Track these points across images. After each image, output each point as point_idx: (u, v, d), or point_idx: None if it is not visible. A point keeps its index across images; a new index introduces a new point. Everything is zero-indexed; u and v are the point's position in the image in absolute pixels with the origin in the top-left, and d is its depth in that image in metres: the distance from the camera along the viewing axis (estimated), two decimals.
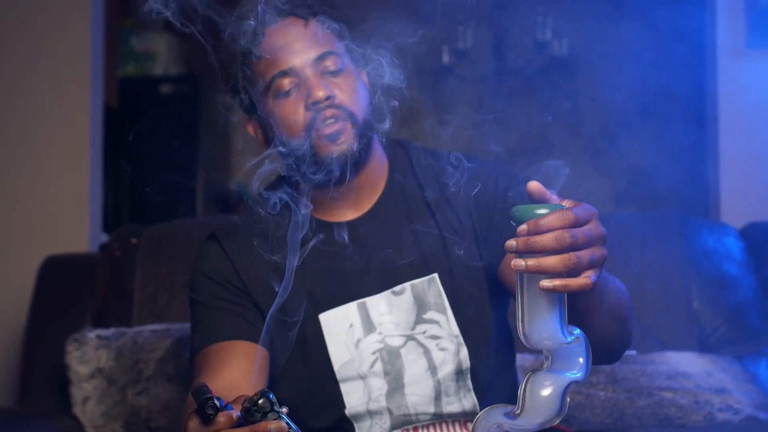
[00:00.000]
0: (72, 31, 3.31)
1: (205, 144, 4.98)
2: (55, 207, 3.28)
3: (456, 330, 1.68)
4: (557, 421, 1.18)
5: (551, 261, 1.13)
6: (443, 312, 1.69)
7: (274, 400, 1.14)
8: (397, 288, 1.70)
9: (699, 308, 2.43)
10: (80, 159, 3.30)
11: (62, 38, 3.31)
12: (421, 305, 1.69)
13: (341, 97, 1.63)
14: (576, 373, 1.19)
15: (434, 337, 1.68)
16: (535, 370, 1.20)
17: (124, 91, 4.75)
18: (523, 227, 1.15)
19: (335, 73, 1.65)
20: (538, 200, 1.20)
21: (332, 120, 1.61)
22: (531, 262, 1.13)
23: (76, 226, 3.28)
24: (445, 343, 1.68)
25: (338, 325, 1.69)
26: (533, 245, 1.13)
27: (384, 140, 1.76)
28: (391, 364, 1.67)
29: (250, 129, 1.76)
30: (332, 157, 1.61)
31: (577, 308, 1.29)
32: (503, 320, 1.78)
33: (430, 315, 1.69)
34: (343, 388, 1.68)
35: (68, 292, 2.58)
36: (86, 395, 2.31)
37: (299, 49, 1.64)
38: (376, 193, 1.75)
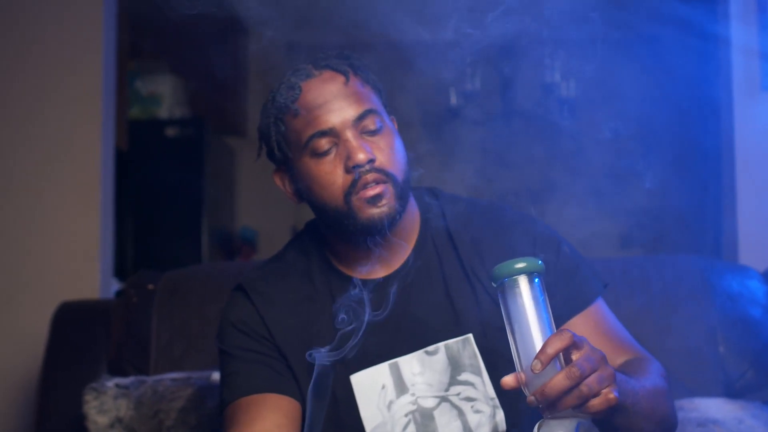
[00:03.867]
0: (83, 74, 3.29)
1: (209, 187, 4.97)
2: (66, 253, 3.24)
3: (492, 392, 1.63)
4: None
5: (555, 380, 1.23)
6: (479, 374, 1.63)
7: None
8: (431, 348, 1.64)
9: (725, 353, 2.40)
10: (91, 203, 3.26)
11: (73, 82, 3.28)
12: (455, 366, 1.64)
13: (381, 159, 1.59)
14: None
15: (469, 399, 1.63)
16: (543, 418, 1.30)
17: (131, 134, 4.74)
18: (536, 363, 1.25)
19: (374, 133, 1.60)
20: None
21: (373, 183, 1.57)
22: (538, 391, 1.24)
23: (86, 272, 3.24)
24: (481, 406, 1.63)
25: (370, 386, 1.64)
26: (549, 392, 1.23)
27: (414, 189, 1.72)
28: (425, 426, 1.62)
29: (278, 180, 1.71)
30: (373, 220, 1.57)
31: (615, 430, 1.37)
32: None
33: (464, 376, 1.63)
34: None
35: (83, 340, 2.53)
36: None
37: (338, 108, 1.59)
38: (408, 248, 1.70)
